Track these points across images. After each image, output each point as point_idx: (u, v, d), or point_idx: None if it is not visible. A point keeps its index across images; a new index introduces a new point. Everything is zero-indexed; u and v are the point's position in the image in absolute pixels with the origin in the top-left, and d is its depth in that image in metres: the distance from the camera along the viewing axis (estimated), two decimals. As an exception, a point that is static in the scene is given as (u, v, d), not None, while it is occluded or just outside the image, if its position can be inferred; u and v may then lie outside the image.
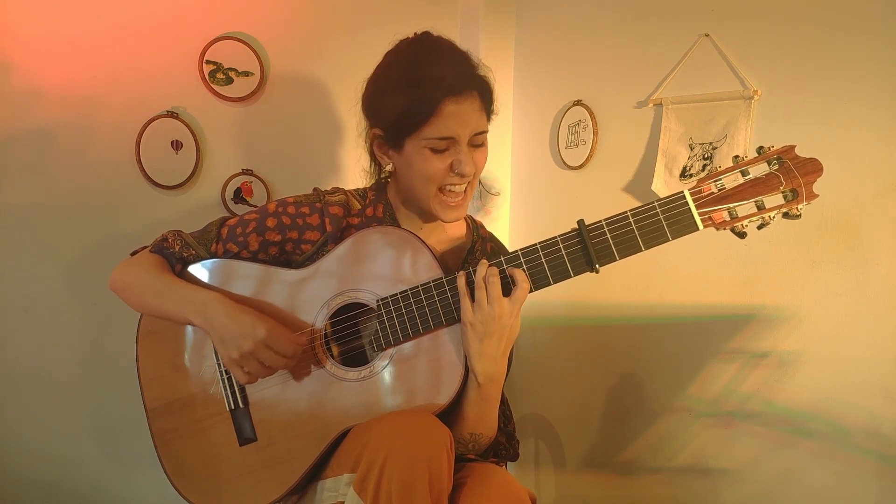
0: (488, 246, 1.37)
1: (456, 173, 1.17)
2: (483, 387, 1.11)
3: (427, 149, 1.16)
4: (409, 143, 1.17)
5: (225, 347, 1.14)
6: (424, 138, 1.15)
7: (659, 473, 1.72)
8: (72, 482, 1.80)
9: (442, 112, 1.13)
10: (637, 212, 1.03)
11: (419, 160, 1.17)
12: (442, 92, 1.13)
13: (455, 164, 1.17)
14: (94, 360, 1.80)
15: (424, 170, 1.17)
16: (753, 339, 1.49)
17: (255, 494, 1.19)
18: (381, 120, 1.21)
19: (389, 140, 1.21)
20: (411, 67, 1.17)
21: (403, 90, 1.15)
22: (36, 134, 1.70)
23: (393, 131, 1.19)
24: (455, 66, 1.16)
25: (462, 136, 1.16)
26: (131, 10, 1.75)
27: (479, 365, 1.09)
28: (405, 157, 1.19)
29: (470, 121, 1.16)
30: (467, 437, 1.16)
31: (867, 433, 1.31)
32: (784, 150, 1.00)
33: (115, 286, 1.27)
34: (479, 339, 1.08)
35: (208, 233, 1.28)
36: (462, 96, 1.14)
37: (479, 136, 1.19)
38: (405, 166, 1.21)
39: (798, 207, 0.99)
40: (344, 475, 1.05)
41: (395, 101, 1.16)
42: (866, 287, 1.31)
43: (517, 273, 1.08)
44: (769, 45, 1.44)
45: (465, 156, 1.17)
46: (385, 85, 1.21)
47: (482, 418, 1.15)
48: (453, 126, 1.14)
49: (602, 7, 1.84)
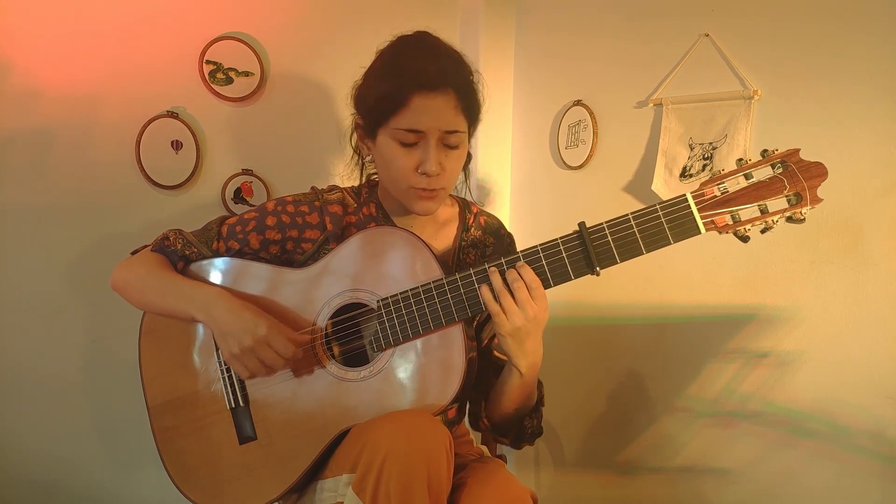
0: (482, 220, 1.37)
1: (420, 172, 1.16)
2: (526, 375, 1.13)
3: (396, 141, 1.16)
4: (381, 133, 1.17)
5: (226, 342, 1.15)
6: (393, 129, 1.15)
7: (659, 473, 1.72)
8: (72, 482, 1.81)
9: (411, 104, 1.12)
10: (638, 214, 1.02)
11: (388, 152, 1.17)
12: (415, 84, 1.12)
13: (420, 165, 1.15)
14: (95, 360, 1.80)
15: (392, 164, 1.17)
16: (753, 339, 1.49)
17: (255, 493, 1.19)
18: (361, 107, 1.22)
19: (367, 129, 1.22)
20: (395, 58, 1.18)
21: (383, 78, 1.16)
22: (36, 134, 1.70)
23: (369, 120, 1.20)
24: (436, 62, 1.14)
25: (430, 130, 1.14)
26: (131, 10, 1.75)
27: (523, 361, 1.11)
28: (378, 147, 1.20)
29: (440, 116, 1.14)
30: (512, 412, 1.20)
31: (867, 433, 1.31)
32: (788, 153, 0.99)
33: (116, 285, 1.27)
34: (520, 343, 1.09)
35: (209, 231, 1.28)
36: (435, 92, 1.13)
37: (453, 136, 1.16)
38: (378, 158, 1.21)
39: (802, 211, 0.98)
40: (343, 475, 1.05)
41: (374, 88, 1.17)
42: (866, 287, 1.31)
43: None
44: (769, 45, 1.44)
45: (432, 153, 1.14)
46: (370, 73, 1.22)
47: (527, 398, 1.20)
48: (421, 119, 1.13)
49: (602, 7, 1.84)
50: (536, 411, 1.26)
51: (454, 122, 1.16)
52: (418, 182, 1.17)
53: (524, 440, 1.27)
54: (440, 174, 1.16)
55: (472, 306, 1.10)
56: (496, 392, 1.22)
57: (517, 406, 1.20)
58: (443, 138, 1.16)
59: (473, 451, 1.37)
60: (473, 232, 1.35)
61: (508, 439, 1.28)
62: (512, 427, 1.26)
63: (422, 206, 1.20)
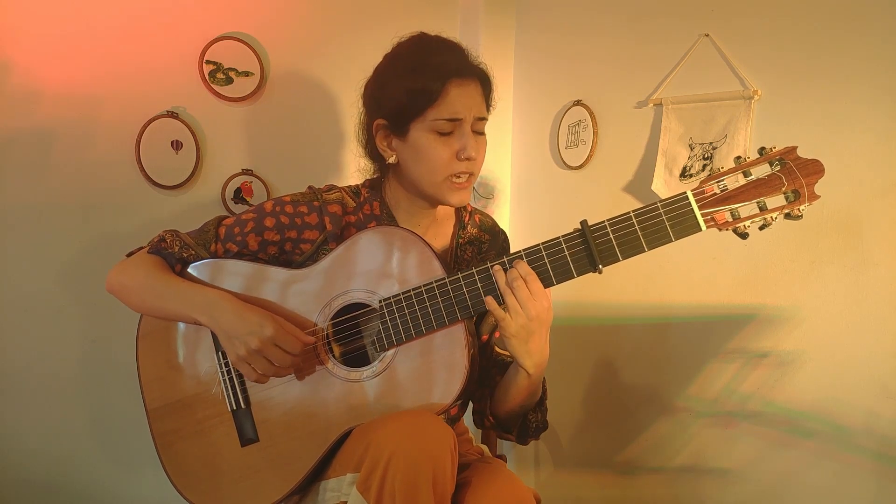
0: (477, 218, 1.39)
1: (462, 158, 1.19)
2: (533, 375, 1.13)
3: (433, 132, 1.18)
4: (414, 127, 1.19)
5: (232, 345, 1.14)
6: (431, 120, 1.17)
7: (659, 473, 1.72)
8: (72, 482, 1.80)
9: (448, 93, 1.16)
10: (640, 212, 1.03)
11: (425, 145, 1.19)
12: (448, 74, 1.16)
13: (461, 150, 1.18)
14: (94, 360, 1.79)
15: (430, 155, 1.19)
16: (753, 339, 1.49)
17: (257, 495, 1.19)
18: (386, 108, 1.22)
19: (394, 128, 1.22)
20: (416, 56, 1.21)
21: (409, 76, 1.18)
22: (36, 134, 1.70)
23: (398, 118, 1.20)
24: (457, 54, 1.21)
25: (467, 117, 1.18)
26: (131, 10, 1.74)
27: (529, 361, 1.11)
28: (410, 143, 1.20)
29: (474, 103, 1.19)
30: (517, 408, 1.21)
31: (867, 433, 1.31)
32: (786, 151, 1.00)
33: (112, 288, 1.26)
34: (525, 342, 1.09)
35: (206, 233, 1.27)
36: (467, 79, 1.19)
37: (481, 123, 1.22)
38: (411, 153, 1.21)
39: (800, 208, 0.99)
40: (347, 475, 1.05)
41: (401, 86, 1.19)
42: (866, 287, 1.31)
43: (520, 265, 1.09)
44: (769, 45, 1.45)
45: (470, 139, 1.19)
46: (390, 73, 1.23)
47: (532, 396, 1.20)
48: (459, 107, 1.17)
49: (602, 7, 1.84)
50: (541, 406, 1.26)
51: (482, 109, 1.22)
52: (458, 168, 1.19)
53: (529, 435, 1.27)
54: (477, 159, 1.21)
55: (475, 306, 1.10)
56: (501, 390, 1.23)
57: (522, 403, 1.20)
58: (474, 125, 1.20)
59: (473, 449, 1.37)
60: (470, 229, 1.36)
61: (513, 435, 1.28)
62: (516, 422, 1.26)
63: (458, 197, 1.23)
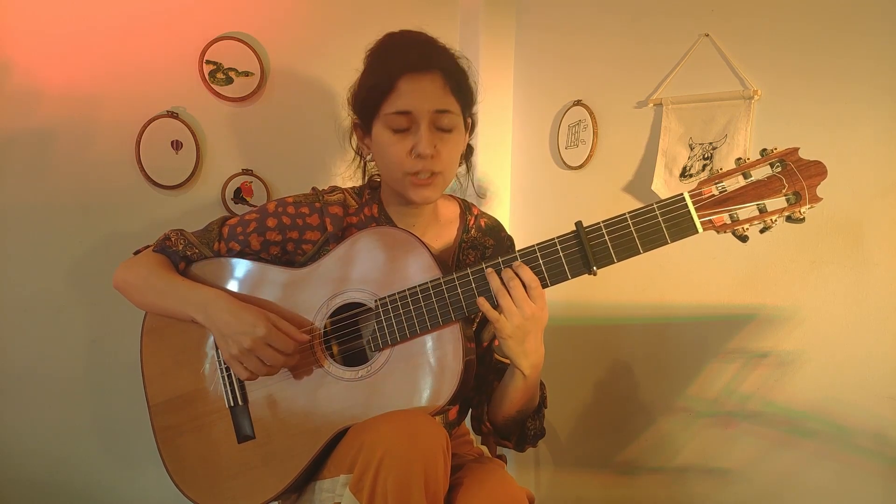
0: (482, 222, 1.37)
1: (414, 155, 1.16)
2: (529, 377, 1.13)
3: (388, 128, 1.17)
4: (375, 125, 1.19)
5: (225, 344, 1.15)
6: (384, 115, 1.16)
7: (659, 473, 1.71)
8: (72, 482, 1.81)
9: (398, 87, 1.14)
10: (635, 214, 1.02)
11: (382, 141, 1.18)
12: (400, 68, 1.14)
13: (413, 148, 1.16)
14: (95, 360, 1.80)
15: (386, 152, 1.18)
16: (753, 339, 1.49)
17: (253, 491, 1.19)
18: (356, 105, 1.24)
19: (363, 125, 1.24)
20: (381, 50, 1.22)
21: (368, 73, 1.20)
22: (36, 134, 1.71)
23: (363, 115, 1.22)
24: (419, 48, 1.18)
25: (420, 111, 1.15)
26: (131, 10, 1.75)
27: (525, 361, 1.10)
28: (374, 140, 1.21)
29: (428, 97, 1.15)
30: (514, 414, 1.20)
31: (867, 433, 1.31)
32: (787, 152, 0.98)
33: (118, 285, 1.28)
34: (521, 343, 1.09)
35: (210, 232, 1.29)
36: (421, 73, 1.15)
37: (444, 118, 1.17)
38: (375, 150, 1.23)
39: (801, 211, 0.97)
40: (340, 476, 1.05)
41: (363, 83, 1.21)
42: (866, 287, 1.31)
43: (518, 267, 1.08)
44: (769, 45, 1.44)
45: (424, 134, 1.15)
46: (362, 73, 1.24)
47: (529, 400, 1.19)
48: (409, 100, 1.14)
49: (602, 7, 1.84)
50: (539, 413, 1.26)
51: (443, 102, 1.16)
52: (413, 166, 1.17)
53: (527, 442, 1.26)
54: (435, 157, 1.17)
55: (470, 306, 1.10)
56: (498, 395, 1.22)
57: (519, 408, 1.20)
58: (434, 120, 1.16)
59: (473, 451, 1.37)
60: (474, 233, 1.35)
61: (511, 443, 1.28)
62: (514, 429, 1.25)
63: (419, 195, 1.20)
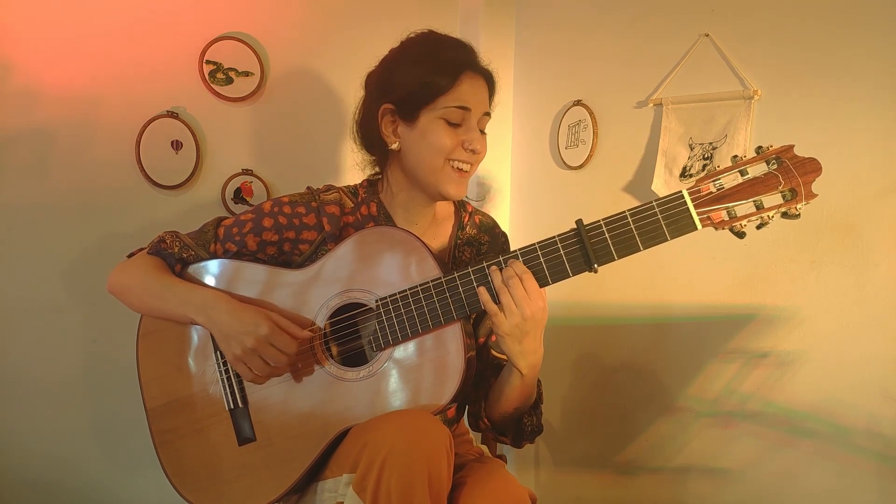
0: (476, 219, 1.38)
1: (468, 150, 1.21)
2: (526, 376, 1.13)
3: (442, 120, 1.20)
4: (424, 114, 1.20)
5: (228, 345, 1.15)
6: (441, 108, 1.19)
7: (659, 473, 1.72)
8: (72, 482, 1.80)
9: (461, 82, 1.19)
10: (635, 211, 1.03)
11: (432, 131, 1.20)
12: (462, 66, 1.20)
13: (466, 141, 1.21)
14: (95, 361, 1.80)
15: (437, 141, 1.20)
16: (753, 339, 1.49)
17: (254, 494, 1.19)
18: (396, 93, 1.22)
19: (402, 113, 1.22)
20: (430, 47, 1.24)
21: (423, 63, 1.21)
22: (36, 134, 1.70)
23: (408, 103, 1.21)
24: (470, 52, 1.25)
25: (476, 110, 1.21)
26: (131, 10, 1.75)
27: (523, 361, 1.11)
28: (419, 129, 1.21)
29: (482, 98, 1.23)
30: (512, 411, 1.21)
31: (867, 433, 1.31)
32: (783, 149, 0.99)
33: (113, 289, 1.27)
34: (519, 342, 1.09)
35: (205, 233, 1.28)
36: (479, 74, 1.23)
37: (485, 120, 1.25)
38: (417, 139, 1.22)
39: (797, 207, 0.99)
40: (343, 476, 1.05)
41: (414, 72, 1.20)
42: (866, 287, 1.31)
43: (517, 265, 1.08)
44: (769, 45, 1.44)
45: (476, 132, 1.22)
46: (403, 60, 1.25)
47: (526, 399, 1.20)
48: (470, 97, 1.20)
49: (602, 7, 1.84)
50: (535, 409, 1.26)
51: (488, 107, 1.26)
52: (460, 155, 1.21)
53: (524, 438, 1.27)
54: (479, 154, 1.23)
55: (471, 305, 1.10)
56: (495, 392, 1.22)
57: (517, 406, 1.20)
58: (480, 121, 1.24)
59: (473, 450, 1.36)
60: (469, 230, 1.36)
61: (508, 438, 1.28)
62: (511, 426, 1.26)
63: (456, 189, 1.24)
